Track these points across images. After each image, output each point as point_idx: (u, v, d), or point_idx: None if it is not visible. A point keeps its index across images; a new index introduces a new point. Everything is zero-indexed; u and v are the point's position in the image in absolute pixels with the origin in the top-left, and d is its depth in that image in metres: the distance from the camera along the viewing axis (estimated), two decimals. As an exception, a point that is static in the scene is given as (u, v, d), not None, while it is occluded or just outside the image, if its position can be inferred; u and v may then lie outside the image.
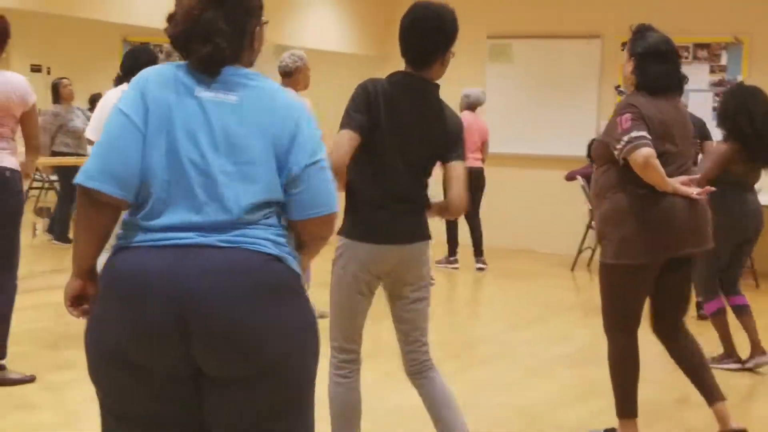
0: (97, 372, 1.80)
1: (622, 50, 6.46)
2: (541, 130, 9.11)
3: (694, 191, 3.39)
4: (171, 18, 1.84)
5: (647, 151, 3.30)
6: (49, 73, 10.12)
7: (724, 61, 8.64)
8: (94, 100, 8.61)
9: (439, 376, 2.90)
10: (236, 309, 1.72)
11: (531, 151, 8.92)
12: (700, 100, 8.42)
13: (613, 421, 3.60)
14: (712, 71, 8.73)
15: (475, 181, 7.34)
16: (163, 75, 1.84)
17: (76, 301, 1.86)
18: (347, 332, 2.87)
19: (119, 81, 4.89)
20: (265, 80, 1.89)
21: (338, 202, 1.96)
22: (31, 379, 3.91)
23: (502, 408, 3.93)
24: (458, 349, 5.27)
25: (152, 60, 4.93)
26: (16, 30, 5.24)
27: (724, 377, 4.05)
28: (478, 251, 7.83)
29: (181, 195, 1.77)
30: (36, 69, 10.30)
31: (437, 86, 2.84)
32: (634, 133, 3.40)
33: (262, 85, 1.87)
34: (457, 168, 2.79)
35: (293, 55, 5.72)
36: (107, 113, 4.36)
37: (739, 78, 8.45)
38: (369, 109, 2.72)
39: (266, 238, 1.82)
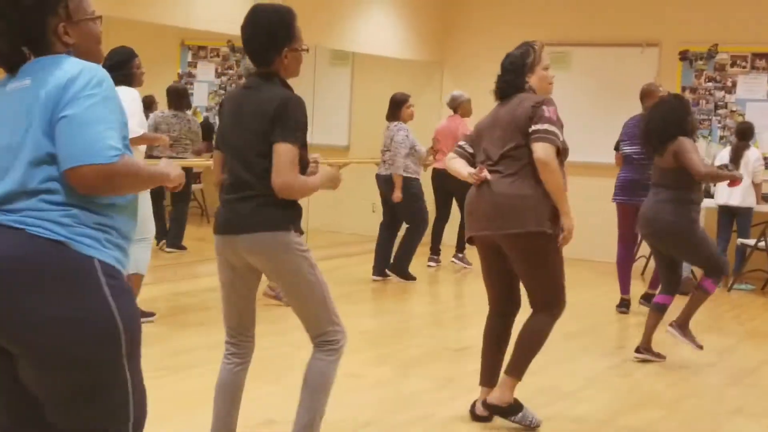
0: None
1: (680, 59, 6.60)
2: (599, 138, 8.86)
3: (474, 175, 3.74)
4: None
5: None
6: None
7: None
8: (149, 104, 8.46)
9: (316, 360, 2.94)
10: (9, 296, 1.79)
11: (589, 159, 8.78)
12: (756, 108, 8.59)
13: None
14: None
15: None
16: None
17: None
18: (224, 317, 3.04)
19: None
20: (56, 59, 1.93)
21: (107, 153, 1.84)
22: None
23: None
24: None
25: (125, 60, 5.15)
26: None
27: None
28: (459, 247, 8.13)
29: None
30: None
31: (272, 75, 2.90)
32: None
33: (50, 64, 1.92)
34: (278, 149, 2.78)
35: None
36: None
37: None
38: (220, 114, 3.17)
39: (49, 219, 1.85)
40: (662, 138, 4.96)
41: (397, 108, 7.33)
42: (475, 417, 3.84)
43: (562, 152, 3.78)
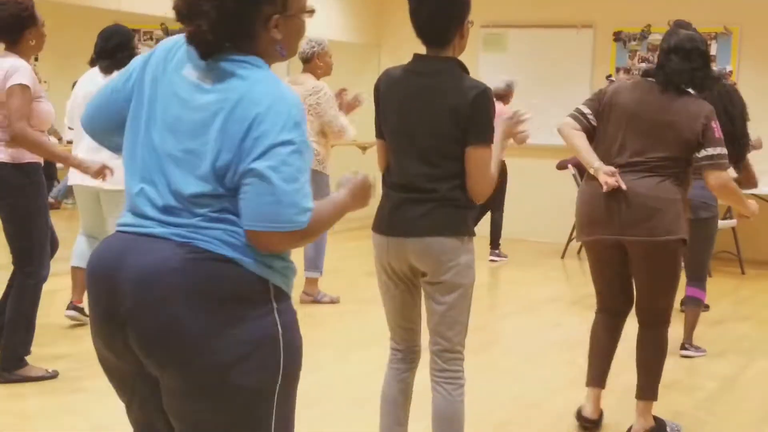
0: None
1: (614, 40, 6.56)
2: (533, 120, 8.69)
3: (608, 180, 3.24)
4: None
5: (565, 120, 3.48)
6: None
7: (714, 51, 8.44)
8: None
9: (456, 394, 2.66)
10: (164, 313, 1.59)
11: (534, 141, 8.53)
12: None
13: (608, 406, 3.61)
14: None
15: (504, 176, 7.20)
16: (168, 46, 1.73)
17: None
18: (392, 326, 2.73)
19: (92, 63, 4.72)
20: (253, 71, 1.68)
21: (294, 221, 1.63)
22: (53, 375, 3.80)
23: (497, 395, 3.92)
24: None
25: (125, 41, 4.72)
26: None
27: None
28: (494, 243, 7.76)
29: (146, 174, 1.67)
30: None
31: (455, 61, 2.59)
32: (577, 108, 3.55)
33: (243, 74, 1.67)
34: (473, 153, 2.49)
35: (310, 41, 5.65)
36: (79, 98, 4.06)
37: (729, 68, 8.51)
38: (378, 105, 2.62)
39: (218, 238, 1.65)
40: None
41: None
42: (584, 420, 3.60)
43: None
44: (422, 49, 2.69)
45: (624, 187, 3.25)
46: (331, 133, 5.73)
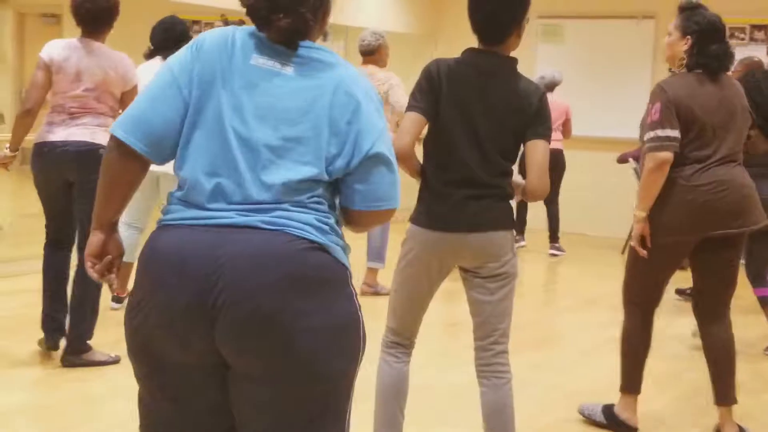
0: (130, 355, 1.73)
1: None
2: (593, 112, 8.88)
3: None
4: None
5: (665, 156, 3.28)
6: None
7: None
8: None
9: (505, 388, 2.70)
10: (265, 299, 1.59)
11: (583, 133, 8.63)
12: None
13: (660, 404, 3.58)
14: None
15: (553, 163, 7.18)
16: (222, 38, 1.72)
17: (98, 259, 1.75)
18: (403, 316, 2.76)
19: (151, 55, 4.80)
20: (333, 56, 1.75)
21: (398, 197, 1.81)
22: (116, 360, 3.82)
23: (553, 391, 3.91)
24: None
25: (186, 31, 4.81)
26: None
27: None
28: (553, 237, 7.71)
29: (223, 166, 1.65)
30: None
31: (513, 61, 2.64)
32: (661, 131, 3.34)
33: (330, 61, 1.72)
34: (534, 147, 2.58)
35: (374, 33, 5.75)
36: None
37: None
38: (431, 90, 2.59)
39: (310, 223, 1.68)
40: None
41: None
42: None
43: None
44: (475, 41, 2.70)
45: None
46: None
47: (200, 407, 1.71)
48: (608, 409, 3.60)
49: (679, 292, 5.90)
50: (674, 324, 5.08)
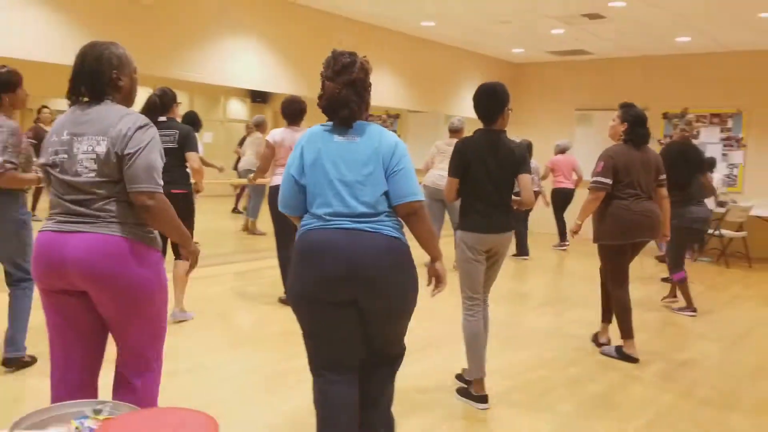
0: (296, 308, 2.60)
1: (664, 119, 9.19)
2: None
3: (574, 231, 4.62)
4: (321, 97, 2.61)
5: (599, 194, 4.54)
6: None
7: (730, 125, 10.45)
8: None
9: (487, 310, 3.84)
10: (381, 271, 2.46)
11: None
12: (714, 149, 10.57)
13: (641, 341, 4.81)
14: (722, 131, 10.56)
15: (566, 198, 10.02)
16: (313, 133, 2.60)
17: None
18: (471, 286, 3.77)
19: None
20: (373, 126, 2.60)
21: (420, 195, 2.57)
22: None
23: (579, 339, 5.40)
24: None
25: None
26: None
27: (680, 319, 5.84)
28: (563, 237, 10.26)
29: (334, 198, 2.52)
30: None
31: (503, 132, 3.68)
32: (601, 179, 4.52)
33: (373, 129, 2.58)
34: (524, 178, 3.66)
35: (460, 119, 7.87)
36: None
37: (740, 136, 10.36)
38: (462, 159, 3.67)
39: (391, 226, 2.54)
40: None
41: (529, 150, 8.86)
42: (599, 345, 4.95)
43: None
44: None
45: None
46: None
47: (349, 336, 2.61)
48: (619, 349, 4.81)
49: (664, 279, 7.93)
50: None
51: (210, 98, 16.07)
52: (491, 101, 3.61)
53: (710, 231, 9.50)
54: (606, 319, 4.98)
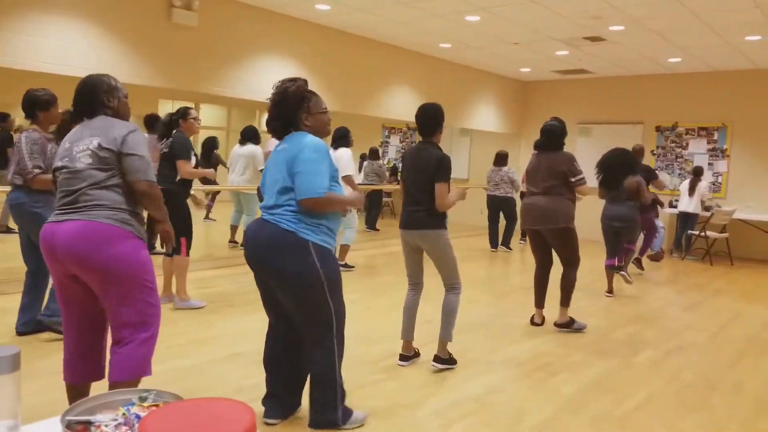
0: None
1: (656, 131, 9.38)
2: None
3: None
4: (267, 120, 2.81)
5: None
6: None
7: (716, 136, 10.52)
8: (363, 157, 11.21)
9: (447, 297, 3.85)
10: (267, 255, 2.66)
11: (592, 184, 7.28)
12: (701, 158, 10.66)
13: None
14: (708, 143, 10.60)
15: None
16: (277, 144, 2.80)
17: None
18: (406, 270, 3.98)
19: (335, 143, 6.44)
20: (299, 135, 2.71)
21: (318, 191, 2.60)
22: None
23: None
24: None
25: (345, 134, 6.56)
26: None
27: (670, 312, 5.59)
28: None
29: (268, 194, 2.76)
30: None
31: (435, 144, 3.74)
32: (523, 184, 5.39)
33: (296, 138, 2.70)
34: (437, 187, 3.65)
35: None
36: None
37: (725, 147, 10.37)
38: (402, 161, 3.86)
39: (287, 219, 2.67)
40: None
41: (505, 160, 9.21)
42: (533, 324, 5.08)
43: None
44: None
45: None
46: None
47: (273, 303, 2.93)
48: (571, 320, 5.09)
49: (636, 261, 7.99)
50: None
51: (247, 111, 16.08)
52: (425, 120, 3.74)
53: (696, 233, 9.51)
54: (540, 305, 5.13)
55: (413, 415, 3.35)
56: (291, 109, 2.74)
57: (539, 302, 5.14)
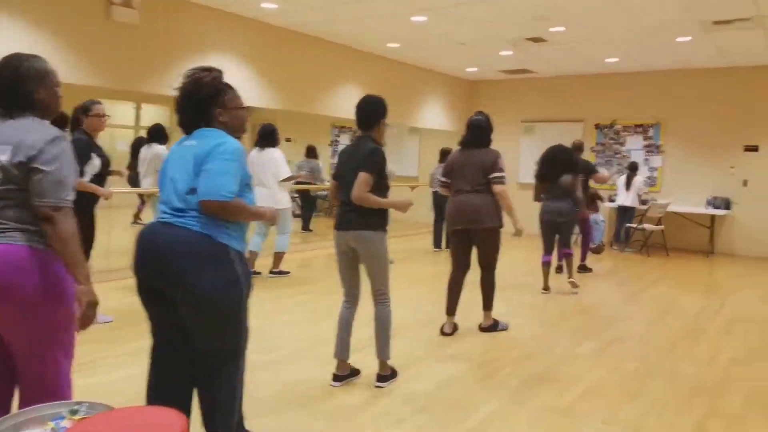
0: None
1: (595, 128, 9.32)
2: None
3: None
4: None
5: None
6: (294, 142, 11.94)
7: (651, 133, 10.69)
8: (310, 151, 10.75)
9: (377, 310, 3.49)
10: (172, 262, 2.16)
11: (530, 180, 10.08)
12: (637, 154, 10.80)
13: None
14: (644, 139, 10.76)
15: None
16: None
17: None
18: (340, 280, 3.58)
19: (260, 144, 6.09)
20: (211, 131, 2.32)
21: (223, 194, 2.17)
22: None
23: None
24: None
25: (272, 131, 6.08)
26: (278, 119, 6.77)
27: (611, 302, 5.70)
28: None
29: (167, 193, 2.31)
30: (288, 140, 12.28)
31: (372, 138, 3.42)
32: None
33: (207, 134, 2.30)
34: (359, 176, 3.32)
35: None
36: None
37: (659, 143, 10.55)
38: (339, 157, 3.57)
39: (201, 221, 2.23)
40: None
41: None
42: (443, 334, 4.69)
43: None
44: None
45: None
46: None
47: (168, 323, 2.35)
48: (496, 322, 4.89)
49: (581, 267, 7.75)
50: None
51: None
52: (363, 113, 3.48)
53: (634, 225, 9.69)
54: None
55: (364, 414, 3.31)
56: (203, 102, 2.36)
57: (451, 309, 4.78)
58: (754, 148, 10.12)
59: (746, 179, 10.23)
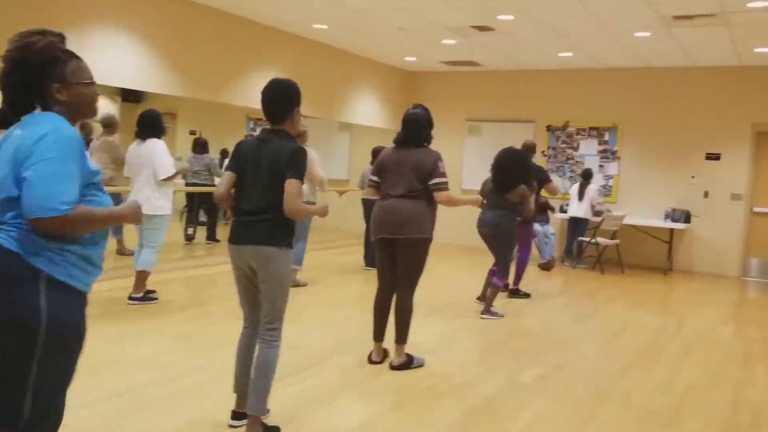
0: None
1: (546, 130, 9.51)
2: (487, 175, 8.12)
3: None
4: None
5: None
6: (201, 135, 11.25)
7: (606, 137, 11.14)
8: (224, 153, 11.12)
9: (261, 351, 3.20)
10: None
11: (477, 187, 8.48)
12: (592, 160, 11.20)
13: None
14: (599, 143, 11.20)
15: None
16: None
17: None
18: (242, 303, 3.36)
19: (139, 136, 5.80)
20: (41, 116, 2.01)
21: (57, 207, 1.87)
22: None
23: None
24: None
25: (155, 118, 5.77)
26: (181, 108, 7.48)
27: (558, 322, 6.34)
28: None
29: None
30: (192, 133, 12.15)
31: (284, 132, 3.19)
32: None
33: (36, 120, 2.00)
34: (288, 184, 3.08)
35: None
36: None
37: (615, 148, 11.02)
38: (237, 154, 3.28)
39: (13, 236, 1.94)
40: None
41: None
42: (371, 362, 4.61)
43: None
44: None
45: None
46: None
47: None
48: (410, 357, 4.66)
49: (512, 292, 7.55)
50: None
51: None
52: (275, 107, 3.22)
53: (587, 239, 9.98)
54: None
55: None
56: (35, 74, 2.02)
57: (379, 334, 4.62)
58: (716, 157, 10.59)
59: (707, 190, 10.65)
